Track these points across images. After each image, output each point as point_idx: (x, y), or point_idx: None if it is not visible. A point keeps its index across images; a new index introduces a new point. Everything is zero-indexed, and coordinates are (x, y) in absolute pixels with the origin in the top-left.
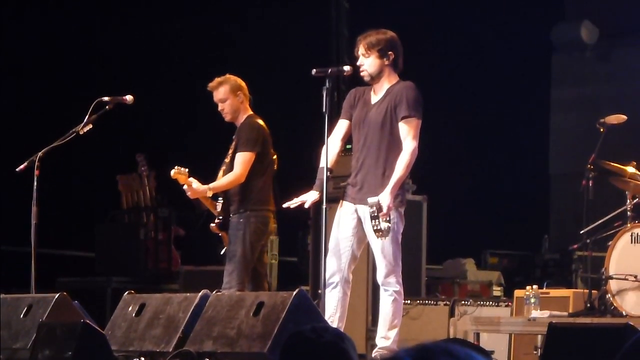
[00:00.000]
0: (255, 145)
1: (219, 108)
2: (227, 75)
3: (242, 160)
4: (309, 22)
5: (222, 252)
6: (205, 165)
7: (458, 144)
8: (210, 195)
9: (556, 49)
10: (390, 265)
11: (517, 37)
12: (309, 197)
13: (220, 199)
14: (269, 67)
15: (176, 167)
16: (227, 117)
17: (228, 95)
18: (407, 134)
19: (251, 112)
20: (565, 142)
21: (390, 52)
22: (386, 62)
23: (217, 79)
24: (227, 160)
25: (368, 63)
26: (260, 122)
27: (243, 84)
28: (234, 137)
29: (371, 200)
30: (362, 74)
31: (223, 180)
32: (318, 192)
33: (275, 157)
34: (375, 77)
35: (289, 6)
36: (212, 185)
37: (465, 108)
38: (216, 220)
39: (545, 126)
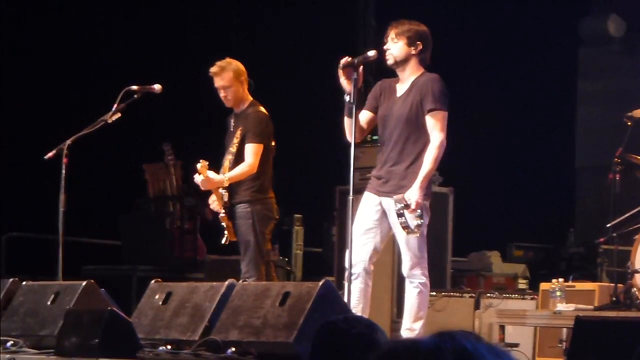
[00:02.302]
0: (264, 137)
1: (222, 94)
2: (229, 60)
3: (254, 152)
4: (337, 13)
5: (223, 242)
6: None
7: (485, 136)
8: (227, 185)
9: (583, 42)
10: (415, 257)
11: (544, 30)
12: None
13: (223, 190)
14: (296, 57)
15: (201, 161)
16: (230, 104)
17: (232, 82)
18: (434, 127)
19: (252, 99)
20: (592, 135)
21: (418, 42)
22: (413, 52)
23: (219, 64)
24: (232, 149)
25: (395, 47)
26: (264, 111)
27: (244, 68)
28: (232, 122)
29: (396, 197)
30: (386, 56)
31: (237, 170)
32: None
33: (274, 144)
34: (400, 63)
35: None
36: (228, 175)
37: (491, 101)
38: (224, 211)
39: (571, 119)
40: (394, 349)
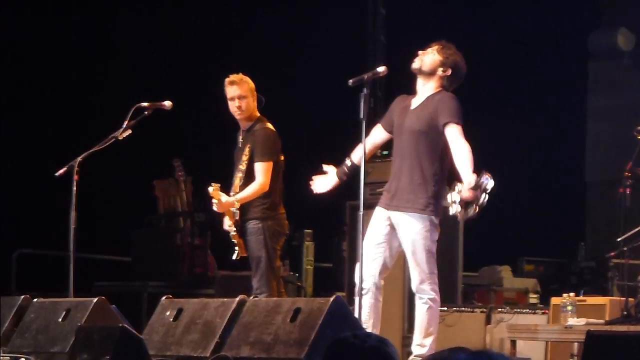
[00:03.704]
0: (273, 154)
1: (236, 104)
2: (242, 75)
3: (264, 170)
4: (347, 29)
5: (234, 258)
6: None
7: (494, 150)
8: (238, 207)
9: (593, 56)
10: (423, 272)
11: (553, 44)
12: (327, 181)
13: (234, 208)
14: (306, 73)
15: (212, 184)
16: (242, 115)
17: (248, 93)
18: (457, 136)
19: (259, 115)
20: (602, 150)
21: (449, 69)
22: (440, 72)
23: (236, 75)
24: (242, 167)
25: (429, 58)
26: (272, 127)
27: None
28: (241, 138)
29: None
30: (414, 59)
31: (249, 190)
32: (337, 179)
33: (282, 159)
34: (422, 74)
35: (326, 13)
36: (238, 197)
37: (501, 114)
38: (235, 229)
39: (581, 133)
40: None
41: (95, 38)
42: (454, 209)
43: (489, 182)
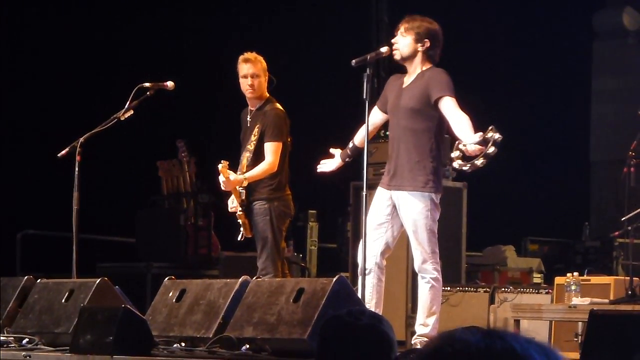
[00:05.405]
0: (283, 134)
1: (249, 82)
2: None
3: (273, 150)
4: (350, 9)
5: (239, 239)
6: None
7: (498, 130)
8: (246, 185)
9: (598, 36)
10: (425, 252)
11: (558, 24)
12: (331, 163)
13: (241, 188)
14: (309, 54)
15: (222, 162)
16: (253, 94)
17: (261, 72)
18: (454, 108)
19: (268, 95)
20: (607, 129)
21: (426, 40)
22: (420, 48)
23: (251, 54)
24: (250, 147)
25: (403, 43)
26: (281, 108)
27: None
28: (248, 118)
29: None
30: (393, 51)
31: (258, 169)
32: (340, 160)
33: (289, 139)
34: (407, 59)
35: None
36: (247, 175)
37: (505, 94)
38: (241, 208)
39: (586, 113)
40: (440, 348)
41: (99, 18)
42: (458, 164)
43: (496, 135)
